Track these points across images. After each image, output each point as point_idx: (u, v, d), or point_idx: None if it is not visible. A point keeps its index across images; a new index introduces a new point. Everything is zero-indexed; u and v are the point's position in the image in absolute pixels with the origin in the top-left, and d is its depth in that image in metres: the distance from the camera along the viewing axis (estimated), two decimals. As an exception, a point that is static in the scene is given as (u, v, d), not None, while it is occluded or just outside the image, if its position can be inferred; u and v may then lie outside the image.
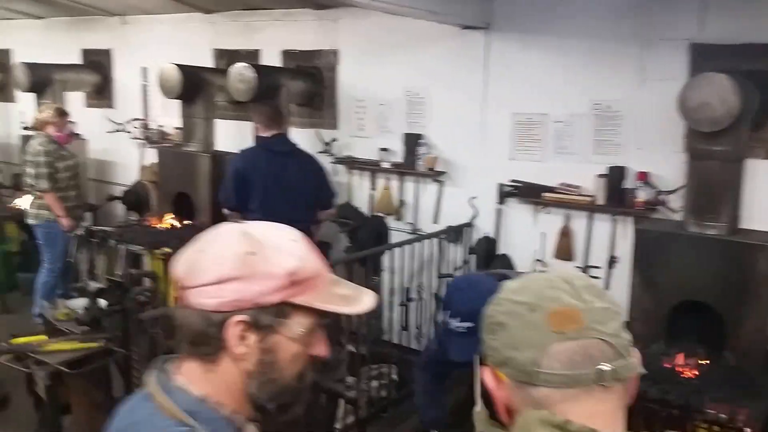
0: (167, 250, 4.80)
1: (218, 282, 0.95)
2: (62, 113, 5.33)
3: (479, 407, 1.03)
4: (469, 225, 4.68)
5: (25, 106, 7.18)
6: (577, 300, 0.90)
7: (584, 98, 4.10)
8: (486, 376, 0.96)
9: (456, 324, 1.99)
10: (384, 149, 4.98)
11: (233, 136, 5.80)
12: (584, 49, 4.06)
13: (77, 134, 6.56)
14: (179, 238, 4.97)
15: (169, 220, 5.45)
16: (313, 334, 1.03)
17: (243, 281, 0.95)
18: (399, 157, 4.94)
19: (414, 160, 4.81)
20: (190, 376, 1.01)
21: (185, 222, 5.43)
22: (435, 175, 4.77)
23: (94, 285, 3.38)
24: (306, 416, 1.21)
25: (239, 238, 0.99)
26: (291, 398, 1.04)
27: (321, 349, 1.04)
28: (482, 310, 0.98)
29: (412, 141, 4.82)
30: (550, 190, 4.24)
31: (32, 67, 6.13)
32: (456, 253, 4.69)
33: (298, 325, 0.99)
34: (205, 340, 0.98)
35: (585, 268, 4.21)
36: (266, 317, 0.97)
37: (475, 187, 4.63)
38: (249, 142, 5.13)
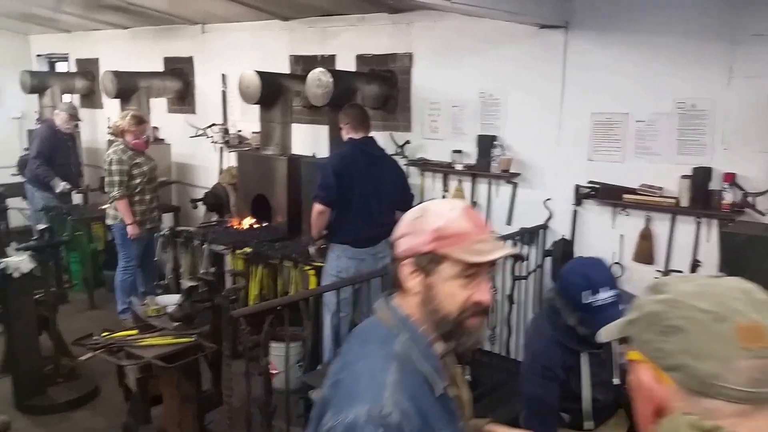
0: (248, 249, 4.98)
1: (399, 237, 1.40)
2: (140, 121, 5.48)
3: None
4: (544, 227, 4.64)
5: (111, 112, 7.57)
6: (760, 315, 0.92)
7: (668, 97, 3.98)
8: (643, 373, 1.00)
9: (605, 295, 2.17)
10: (457, 151, 4.99)
11: (308, 139, 5.94)
12: (668, 46, 3.95)
13: (161, 139, 6.88)
14: (258, 239, 5.16)
15: (248, 221, 5.64)
16: (472, 282, 1.34)
17: (409, 236, 1.37)
18: (472, 159, 4.94)
19: (488, 162, 4.80)
20: (399, 302, 1.40)
21: (263, 223, 5.61)
22: (509, 177, 4.75)
23: (186, 283, 3.51)
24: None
25: (417, 208, 1.42)
26: (452, 327, 1.35)
27: (481, 295, 1.35)
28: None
29: (486, 143, 4.81)
30: (631, 191, 4.14)
31: (119, 75, 6.44)
32: (530, 255, 4.65)
33: (446, 270, 1.34)
34: (396, 278, 1.40)
35: (666, 272, 4.10)
36: (423, 262, 1.35)
37: (551, 188, 4.58)
38: (324, 145, 5.26)
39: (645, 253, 4.18)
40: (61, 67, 9.19)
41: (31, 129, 8.24)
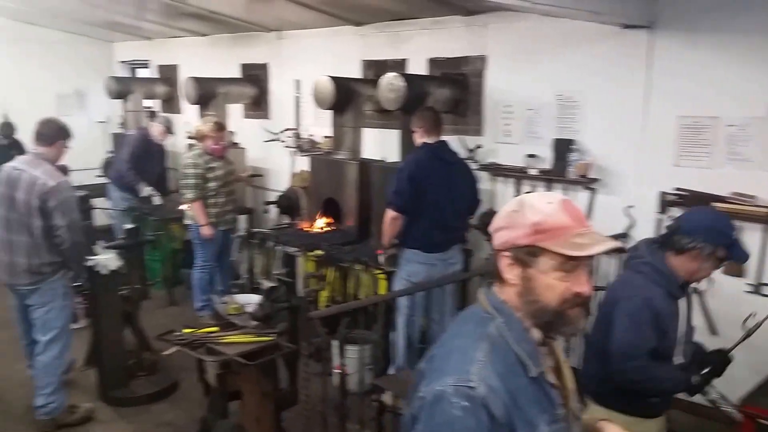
0: (319, 252, 5.04)
1: (496, 230, 1.46)
2: (220, 127, 5.68)
3: None
4: (624, 235, 4.49)
5: (189, 117, 7.82)
6: None
7: (762, 100, 3.80)
8: None
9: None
10: (531, 155, 4.91)
11: (379, 144, 5.97)
12: (762, 47, 3.77)
13: (236, 143, 7.06)
14: (329, 241, 5.22)
15: (319, 224, 5.72)
16: (571, 274, 1.39)
17: (507, 229, 1.43)
18: (547, 164, 4.85)
19: (564, 167, 4.71)
20: (498, 290, 1.48)
21: (334, 226, 5.68)
22: (587, 183, 4.63)
23: (266, 283, 3.59)
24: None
25: (514, 201, 1.47)
26: (552, 317, 1.41)
27: (580, 286, 1.39)
28: None
29: (563, 147, 4.71)
30: (720, 199, 3.95)
31: (199, 81, 6.66)
32: (609, 264, 4.52)
33: (545, 263, 1.39)
34: (495, 269, 1.47)
35: (758, 285, 3.91)
36: (521, 255, 1.41)
37: (632, 195, 4.44)
38: (395, 149, 5.27)
39: (735, 265, 4.00)
40: (142, 73, 9.57)
41: (114, 133, 8.64)
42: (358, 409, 3.54)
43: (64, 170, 4.41)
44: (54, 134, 4.07)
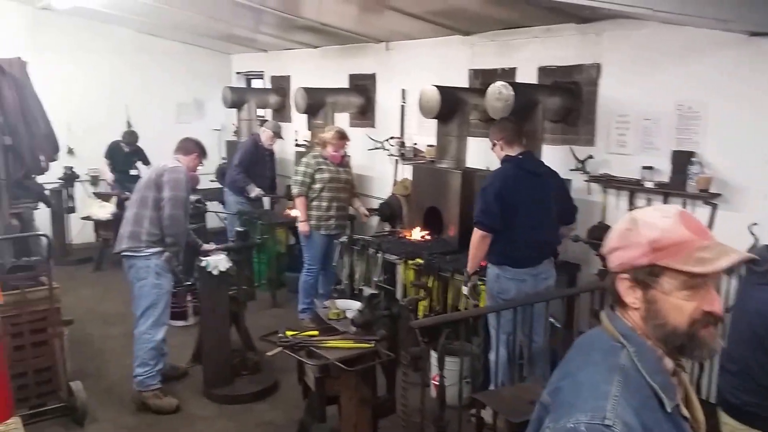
0: (419, 261, 5.02)
1: (610, 251, 1.37)
2: (342, 137, 5.93)
3: None
4: (748, 254, 4.15)
5: (298, 126, 8.07)
6: None
7: None
8: None
9: None
10: (647, 167, 4.66)
11: (483, 153, 5.87)
12: None
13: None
14: (429, 250, 5.19)
15: (419, 233, 5.70)
16: (698, 291, 1.27)
17: (622, 250, 1.33)
18: (665, 177, 4.58)
19: (683, 180, 4.42)
20: (623, 314, 1.37)
21: (435, 235, 5.64)
22: (708, 197, 4.33)
23: (367, 290, 3.61)
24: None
25: (626, 219, 1.37)
26: (684, 341, 1.29)
27: (710, 304, 1.28)
28: None
29: (683, 159, 4.43)
30: None
31: (309, 92, 6.87)
32: (729, 285, 4.20)
33: (668, 283, 1.28)
34: (612, 292, 1.37)
35: None
36: (641, 276, 1.31)
37: (759, 212, 4.09)
38: (496, 160, 5.16)
39: None
40: (257, 83, 9.99)
41: (228, 140, 9.05)
42: (456, 422, 3.47)
43: (195, 180, 4.82)
44: (190, 148, 4.75)
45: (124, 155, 8.28)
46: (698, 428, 1.38)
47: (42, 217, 7.37)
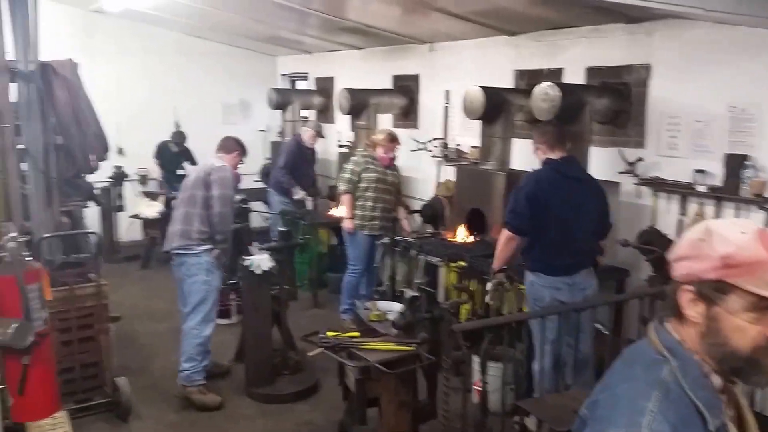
0: (462, 263, 4.97)
1: (678, 259, 1.29)
2: (392, 140, 5.97)
3: None
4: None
5: (341, 127, 8.10)
6: None
7: None
8: None
9: None
10: (699, 171, 4.51)
11: (529, 155, 5.78)
12: None
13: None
14: (472, 253, 5.13)
15: (462, 234, 5.65)
16: (766, 316, 1.20)
17: (691, 260, 1.26)
18: (717, 180, 4.44)
19: (737, 184, 4.27)
20: (673, 327, 1.32)
21: (477, 237, 5.58)
22: (762, 202, 4.16)
23: (409, 293, 3.59)
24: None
25: (700, 228, 1.29)
26: (742, 364, 1.23)
27: None
28: None
29: (736, 162, 4.28)
30: None
31: (353, 93, 6.89)
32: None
33: (734, 302, 1.21)
34: (671, 302, 1.31)
35: None
36: (707, 290, 1.23)
37: (819, 218, 3.94)
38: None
39: None
40: (301, 85, 10.07)
41: (273, 141, 9.15)
42: (499, 429, 3.41)
43: (237, 178, 4.91)
44: (231, 146, 4.90)
45: (172, 155, 8.45)
46: None
47: (91, 215, 7.58)
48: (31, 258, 3.44)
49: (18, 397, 3.04)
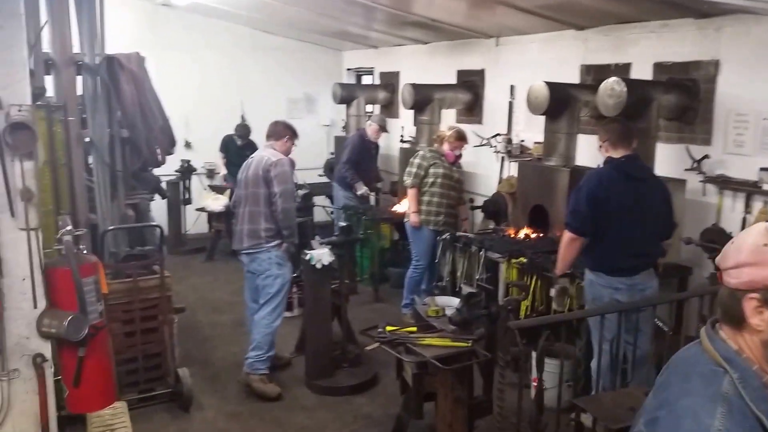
0: (523, 259, 4.93)
1: (736, 266, 1.23)
2: (460, 137, 5.95)
3: None
4: None
5: (405, 122, 8.13)
6: None
7: None
8: None
9: None
10: (765, 169, 4.35)
11: (594, 151, 5.67)
12: None
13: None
14: (534, 249, 5.09)
15: (525, 231, 5.60)
16: None
17: (755, 267, 1.21)
18: (786, 179, 4.26)
19: (807, 184, 4.09)
20: (728, 334, 1.28)
21: (540, 234, 5.52)
22: (835, 202, 3.98)
23: (466, 289, 3.60)
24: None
25: (761, 231, 1.24)
26: None
27: None
28: None
29: (807, 161, 4.10)
30: None
31: (417, 88, 6.91)
32: None
33: None
34: (730, 311, 1.26)
35: None
36: None
37: None
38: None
39: None
40: (366, 80, 10.15)
41: (337, 136, 9.27)
42: (555, 426, 3.39)
43: (292, 164, 4.93)
44: (281, 131, 4.87)
45: (237, 148, 8.55)
46: None
47: (159, 208, 7.83)
48: (87, 251, 3.55)
49: (73, 389, 3.13)
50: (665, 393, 1.29)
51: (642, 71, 5.29)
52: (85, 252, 3.55)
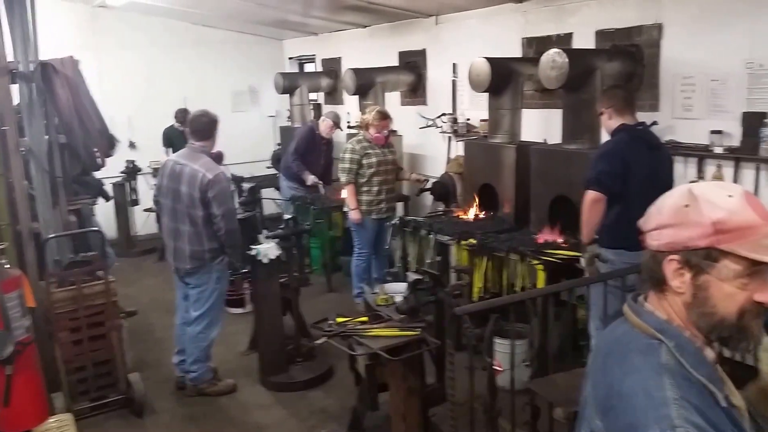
0: (472, 241, 4.84)
1: (657, 228, 1.21)
2: (383, 117, 5.75)
3: None
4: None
5: (350, 108, 7.97)
6: None
7: None
8: None
9: None
10: (716, 132, 4.32)
11: (540, 125, 5.62)
12: None
13: (394, 131, 7.05)
14: (483, 230, 5.00)
15: (474, 211, 5.52)
16: (754, 280, 1.15)
17: (675, 228, 1.18)
18: (735, 141, 4.25)
19: (756, 144, 4.08)
20: (654, 304, 1.26)
21: (489, 213, 5.45)
22: (784, 161, 3.97)
23: (412, 276, 3.48)
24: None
25: (683, 193, 1.21)
26: (731, 332, 1.18)
27: (763, 294, 1.16)
28: None
29: (754, 121, 4.08)
30: None
31: (358, 72, 6.74)
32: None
33: (726, 268, 1.15)
34: (653, 274, 1.23)
35: None
36: (696, 259, 1.17)
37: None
38: (557, 130, 4.90)
39: None
40: (309, 67, 9.93)
41: (283, 126, 9.05)
42: (511, 408, 3.31)
43: (219, 158, 4.68)
44: (207, 128, 4.41)
45: (180, 134, 8.08)
46: (742, 415, 1.23)
47: (107, 210, 7.60)
48: (9, 265, 3.39)
49: (4, 408, 2.98)
50: (608, 379, 1.23)
51: (584, 40, 5.22)
52: (7, 266, 3.38)
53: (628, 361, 1.20)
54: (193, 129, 4.41)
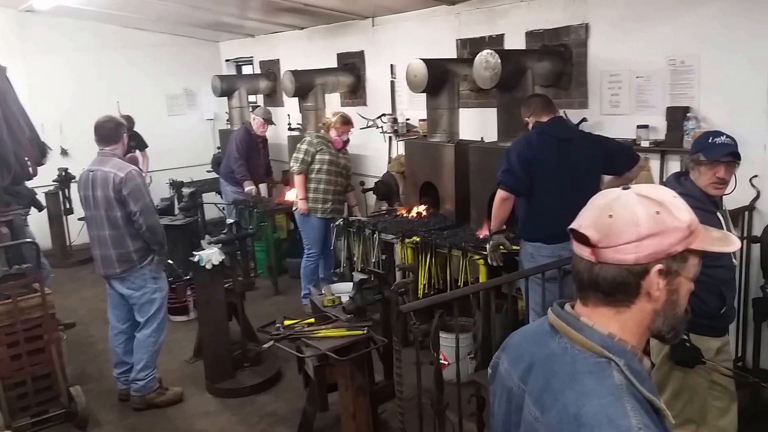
0: (416, 238, 4.93)
1: (637, 240, 1.14)
2: (345, 122, 5.93)
3: None
4: (749, 208, 4.04)
5: (290, 110, 7.94)
6: None
7: None
8: None
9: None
10: (642, 126, 4.52)
11: (477, 124, 5.75)
12: None
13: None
14: (426, 227, 5.10)
15: (417, 210, 5.61)
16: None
17: (658, 236, 1.14)
18: (660, 134, 4.45)
19: (680, 137, 4.29)
20: (595, 319, 1.20)
21: (432, 211, 5.55)
22: (706, 153, 4.19)
23: (357, 276, 3.52)
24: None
25: (641, 200, 1.17)
26: (681, 325, 1.22)
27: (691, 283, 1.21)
28: None
29: (678, 115, 4.29)
30: None
31: (297, 74, 6.74)
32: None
33: (693, 266, 1.19)
34: (624, 288, 1.17)
35: None
36: (674, 263, 1.16)
37: (759, 164, 3.96)
38: (493, 129, 5.03)
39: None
40: (247, 69, 9.83)
41: (222, 129, 8.94)
42: (458, 401, 3.40)
43: (134, 162, 4.60)
44: (114, 133, 4.36)
45: None
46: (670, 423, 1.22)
47: (40, 221, 7.35)
48: None
49: None
50: (559, 403, 1.12)
51: (515, 41, 5.36)
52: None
53: (579, 383, 1.12)
54: (101, 135, 4.34)
